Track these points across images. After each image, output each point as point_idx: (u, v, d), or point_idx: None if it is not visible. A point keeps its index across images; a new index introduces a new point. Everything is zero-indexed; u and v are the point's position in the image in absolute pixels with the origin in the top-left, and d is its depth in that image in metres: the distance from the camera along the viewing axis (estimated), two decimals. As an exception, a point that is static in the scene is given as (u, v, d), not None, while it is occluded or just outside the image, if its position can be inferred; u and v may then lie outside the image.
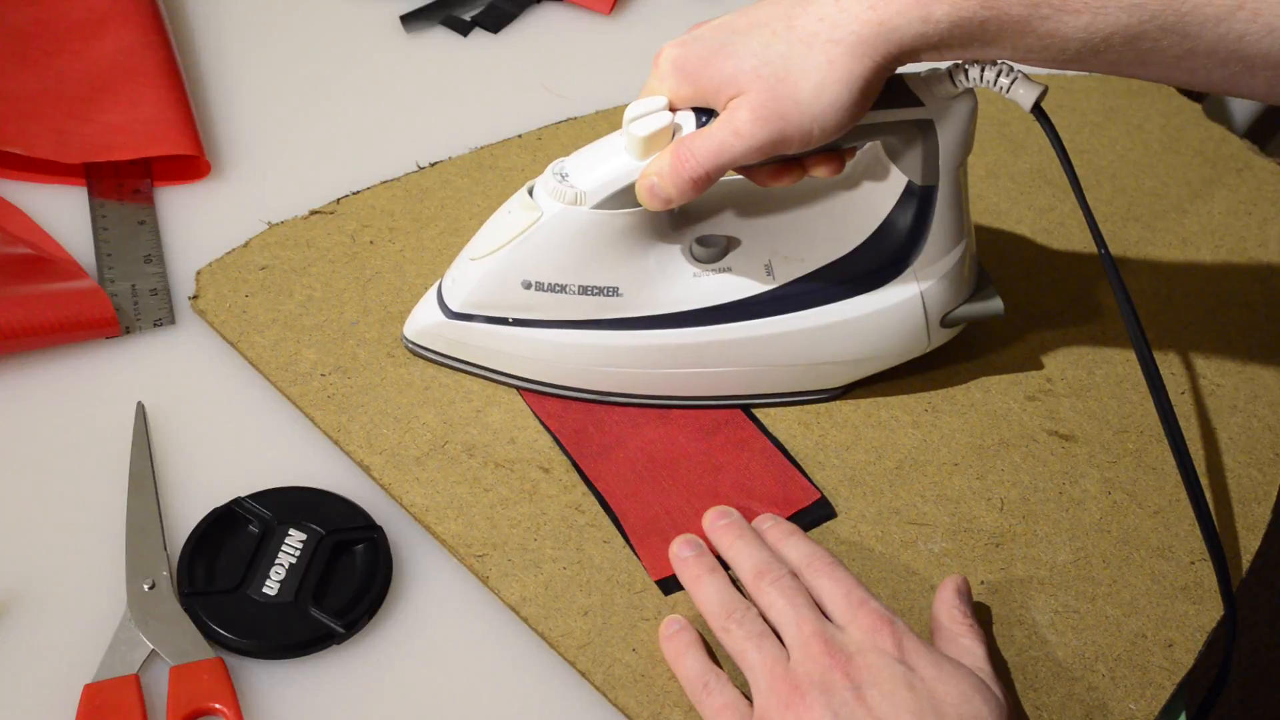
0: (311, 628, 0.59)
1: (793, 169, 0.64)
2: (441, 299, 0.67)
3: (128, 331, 0.70)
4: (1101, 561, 0.65)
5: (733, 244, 0.67)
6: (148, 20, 0.83)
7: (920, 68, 0.61)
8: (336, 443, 0.66)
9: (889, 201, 0.67)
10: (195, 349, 0.70)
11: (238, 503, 0.62)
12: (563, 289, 0.65)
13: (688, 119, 0.61)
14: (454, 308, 0.67)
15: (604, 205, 0.63)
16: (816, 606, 0.57)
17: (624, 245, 0.64)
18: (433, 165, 0.80)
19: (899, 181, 0.66)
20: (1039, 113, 0.60)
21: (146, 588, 0.59)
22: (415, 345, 0.69)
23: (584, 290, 0.65)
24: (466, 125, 0.83)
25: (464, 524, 0.63)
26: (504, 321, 0.66)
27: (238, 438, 0.66)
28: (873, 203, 0.67)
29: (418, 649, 0.60)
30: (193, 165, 0.78)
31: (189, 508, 0.62)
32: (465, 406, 0.68)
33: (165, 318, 0.70)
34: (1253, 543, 0.67)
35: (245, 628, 0.58)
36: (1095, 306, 0.77)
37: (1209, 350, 0.76)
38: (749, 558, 0.60)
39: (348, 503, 0.63)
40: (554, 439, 0.67)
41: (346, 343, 0.70)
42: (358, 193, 0.78)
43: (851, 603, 0.57)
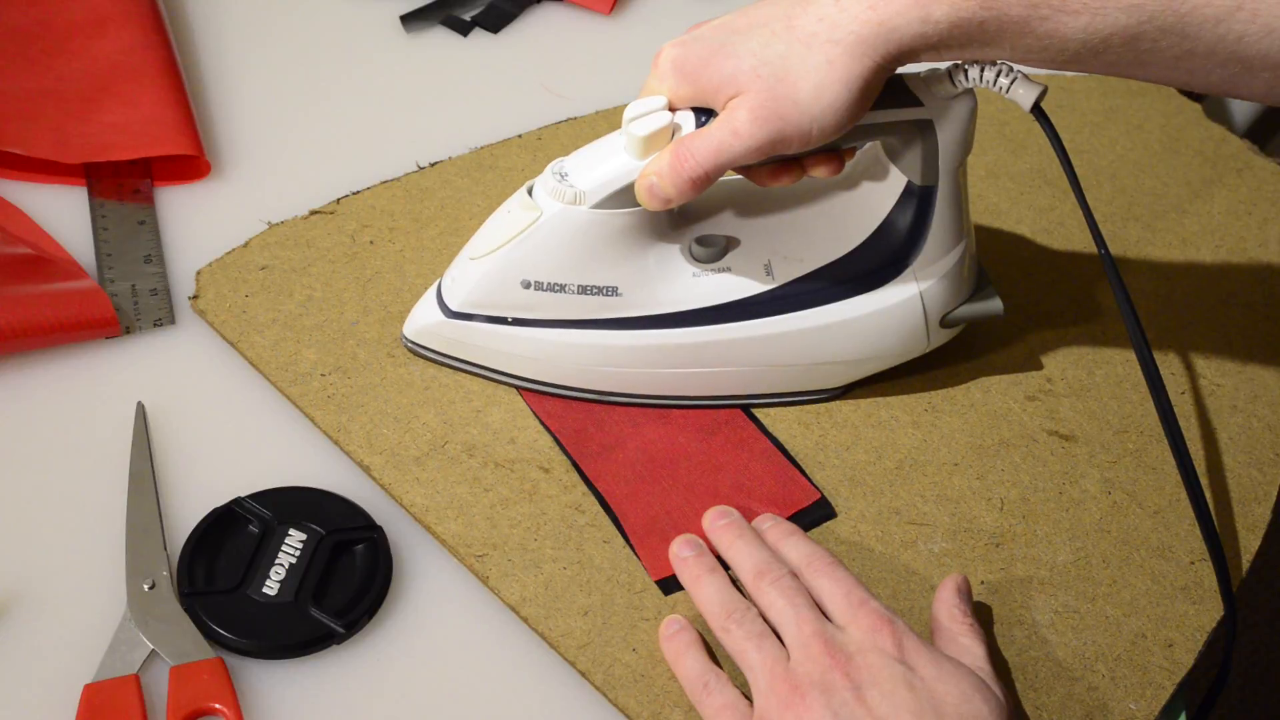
0: (311, 628, 0.59)
1: (792, 169, 0.64)
2: (441, 298, 0.67)
3: (128, 331, 0.70)
4: (1101, 561, 0.65)
5: (732, 244, 0.67)
6: (148, 20, 0.83)
7: (920, 68, 0.61)
8: (336, 443, 0.66)
9: (888, 201, 0.67)
10: (195, 349, 0.70)
11: (238, 503, 0.62)
12: (562, 288, 0.65)
13: (687, 119, 0.61)
14: (454, 307, 0.67)
15: (603, 205, 0.63)
16: (816, 607, 0.57)
17: (623, 245, 0.64)
18: (433, 165, 0.80)
19: (899, 181, 0.66)
20: (1039, 113, 0.60)
21: (146, 588, 0.59)
22: (415, 345, 0.69)
23: (583, 290, 0.65)
24: (466, 125, 0.83)
25: (464, 524, 0.63)
26: (503, 321, 0.66)
27: (238, 438, 0.66)
28: (872, 203, 0.67)
29: (418, 649, 0.60)
30: (193, 165, 0.78)
31: (189, 508, 0.62)
32: (465, 406, 0.68)
33: (165, 318, 0.70)
34: (1253, 543, 0.67)
35: (245, 628, 0.58)
36: (1095, 306, 0.77)
37: (1209, 350, 0.76)
38: (749, 558, 0.60)
39: (348, 503, 0.63)
40: (554, 439, 0.67)
41: (346, 343, 0.70)
42: (358, 193, 0.78)
43: (851, 603, 0.57)
